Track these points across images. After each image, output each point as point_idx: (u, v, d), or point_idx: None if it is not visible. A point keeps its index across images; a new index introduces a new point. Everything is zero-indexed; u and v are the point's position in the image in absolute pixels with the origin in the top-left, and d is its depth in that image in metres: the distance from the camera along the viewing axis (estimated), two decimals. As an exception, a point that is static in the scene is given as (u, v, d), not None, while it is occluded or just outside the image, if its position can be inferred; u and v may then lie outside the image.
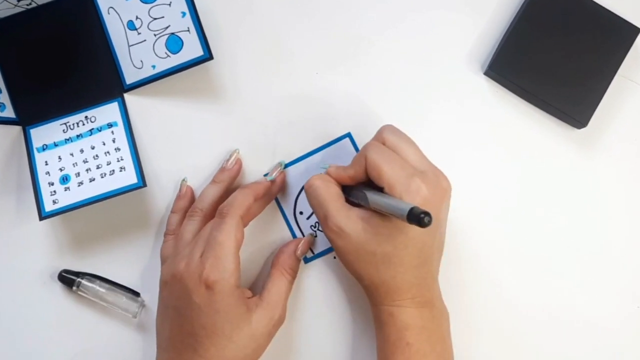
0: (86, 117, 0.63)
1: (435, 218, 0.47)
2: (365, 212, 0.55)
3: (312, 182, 0.57)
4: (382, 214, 0.53)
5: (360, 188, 0.56)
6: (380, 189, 0.54)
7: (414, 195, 0.53)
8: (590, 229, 0.64)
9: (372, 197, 0.53)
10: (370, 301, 0.58)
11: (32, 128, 0.63)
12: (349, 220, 0.55)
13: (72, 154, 0.62)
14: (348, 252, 0.55)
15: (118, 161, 0.61)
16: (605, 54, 0.62)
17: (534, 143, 0.64)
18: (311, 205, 0.58)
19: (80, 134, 0.63)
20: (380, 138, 0.57)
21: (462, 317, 0.61)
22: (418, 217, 0.46)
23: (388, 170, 0.54)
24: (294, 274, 0.61)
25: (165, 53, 0.62)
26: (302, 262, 0.63)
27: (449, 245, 0.59)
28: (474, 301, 0.63)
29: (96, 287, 0.62)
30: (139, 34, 0.62)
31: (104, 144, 0.62)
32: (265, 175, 0.63)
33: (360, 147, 0.63)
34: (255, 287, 0.63)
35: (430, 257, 0.56)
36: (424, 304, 0.56)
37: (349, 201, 0.57)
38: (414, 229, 0.52)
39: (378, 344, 0.58)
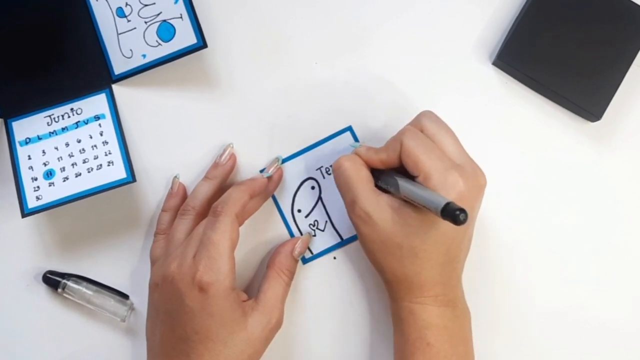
0: (72, 109, 0.63)
1: (468, 215, 0.47)
2: (395, 200, 0.55)
3: (342, 163, 0.57)
4: (412, 204, 0.53)
5: (392, 174, 0.56)
6: (411, 177, 0.54)
7: (450, 189, 0.52)
8: (605, 226, 0.64)
9: (405, 185, 0.53)
10: (390, 296, 0.58)
11: (14, 121, 0.63)
12: (378, 207, 0.55)
13: (56, 148, 0.62)
14: (373, 240, 0.55)
15: (106, 155, 0.61)
16: (620, 43, 0.62)
17: (546, 137, 0.64)
18: (338, 187, 0.58)
19: (66, 127, 0.62)
20: (418, 124, 0.57)
21: (474, 317, 0.60)
22: (453, 214, 0.46)
23: (425, 160, 0.53)
24: (291, 275, 0.61)
25: (157, 41, 0.61)
26: (300, 262, 0.63)
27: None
28: (483, 300, 0.63)
29: (83, 289, 0.62)
30: (128, 21, 0.62)
31: (91, 137, 0.62)
32: (262, 171, 0.63)
33: (361, 141, 0.64)
34: (251, 289, 0.63)
35: (457, 255, 0.56)
36: (446, 303, 0.56)
37: (377, 186, 0.57)
38: (446, 224, 0.51)
39: (396, 342, 0.58)
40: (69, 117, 0.62)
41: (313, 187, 0.64)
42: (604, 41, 0.62)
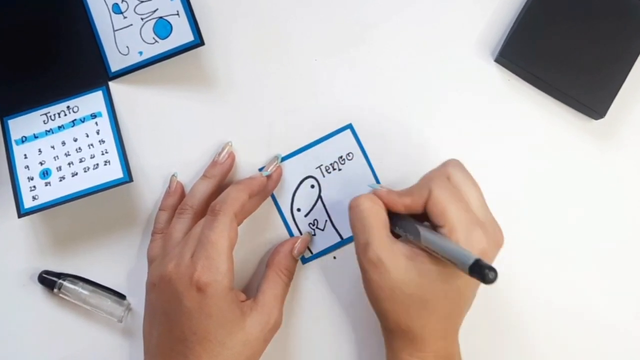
0: (68, 107, 0.62)
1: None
2: (410, 249, 0.54)
3: (361, 202, 0.55)
4: (428, 253, 0.52)
5: (412, 221, 0.54)
6: (434, 227, 0.53)
7: (474, 246, 0.52)
8: (608, 226, 0.64)
9: (428, 235, 0.52)
10: (388, 346, 0.57)
11: (10, 119, 0.62)
12: (392, 254, 0.53)
13: (53, 147, 0.61)
14: (382, 288, 0.54)
15: (102, 154, 0.61)
16: (624, 40, 0.61)
17: (548, 135, 0.64)
18: (352, 226, 0.56)
19: (62, 125, 0.62)
20: (445, 172, 0.55)
21: (477, 316, 0.60)
22: (483, 272, 0.46)
23: (454, 211, 0.52)
24: (290, 275, 0.61)
25: (153, 38, 0.61)
26: (299, 262, 0.63)
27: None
28: (486, 300, 0.61)
29: (79, 289, 0.62)
30: (124, 17, 0.62)
31: (88, 136, 0.62)
32: (261, 169, 0.63)
33: (362, 140, 0.63)
34: (250, 290, 0.63)
35: (463, 309, 0.56)
36: (445, 358, 0.55)
37: (391, 231, 0.56)
38: (462, 280, 0.51)
39: None
40: (65, 115, 0.62)
41: (313, 186, 0.64)
42: (607, 38, 0.62)
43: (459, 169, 0.55)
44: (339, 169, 0.63)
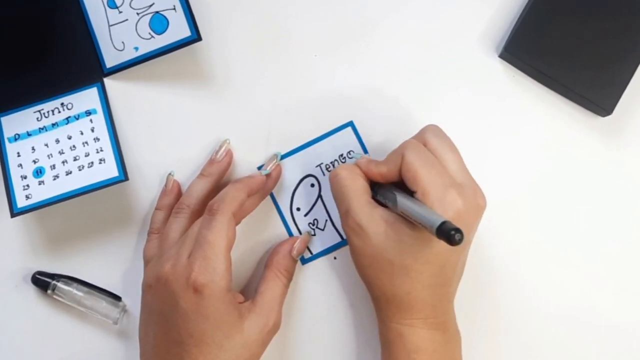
0: (62, 103, 0.62)
1: (465, 237, 0.47)
2: (391, 214, 0.55)
3: (339, 172, 0.57)
4: (408, 220, 0.53)
5: (391, 188, 0.55)
6: (411, 193, 0.54)
7: (448, 208, 0.52)
8: (615, 225, 0.64)
9: (403, 201, 0.53)
10: (378, 316, 0.58)
11: (3, 116, 0.62)
12: (371, 220, 0.55)
13: (46, 145, 0.61)
14: (364, 254, 0.55)
15: (97, 152, 0.61)
16: (632, 35, 0.61)
17: (554, 132, 0.64)
18: (334, 196, 0.58)
19: (56, 123, 0.62)
20: (421, 138, 0.57)
21: (480, 319, 0.61)
22: (448, 233, 0.46)
23: (425, 175, 0.53)
24: (289, 275, 0.61)
25: (149, 34, 0.61)
26: (298, 262, 0.63)
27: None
28: (490, 301, 0.63)
29: (73, 290, 0.62)
30: (120, 12, 0.62)
31: (82, 134, 0.62)
32: (259, 168, 0.63)
33: (363, 137, 0.63)
34: (248, 291, 0.63)
35: (450, 277, 0.56)
36: (437, 326, 0.56)
37: (374, 199, 0.57)
38: (441, 244, 0.51)
39: None
40: (59, 112, 0.62)
41: (313, 185, 0.64)
42: (615, 33, 0.61)
43: (435, 133, 0.57)
44: (340, 168, 0.63)
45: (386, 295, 0.55)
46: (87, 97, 0.62)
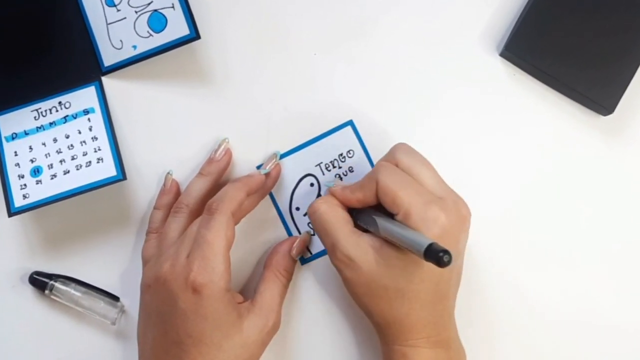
0: (60, 102, 0.62)
1: (453, 250, 0.46)
2: (376, 240, 0.54)
3: (317, 207, 0.57)
4: (391, 243, 0.53)
5: (370, 212, 0.55)
6: (391, 215, 0.54)
7: (432, 225, 0.52)
8: (617, 225, 0.63)
9: (385, 225, 0.53)
10: (380, 340, 0.58)
11: (0, 115, 0.62)
12: (359, 250, 0.54)
13: (44, 144, 0.61)
14: (358, 284, 0.55)
15: (95, 151, 0.61)
16: (633, 33, 0.61)
17: (555, 131, 0.64)
18: (317, 232, 0.58)
19: (54, 122, 0.62)
20: (392, 159, 0.56)
21: (480, 322, 0.61)
22: (437, 256, 0.45)
23: (403, 196, 0.53)
24: (289, 276, 0.61)
25: (148, 32, 0.61)
26: (298, 262, 0.63)
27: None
28: (490, 304, 0.63)
29: (71, 290, 0.62)
30: (118, 10, 0.62)
31: (80, 133, 0.62)
32: (259, 167, 0.63)
33: (363, 136, 0.63)
34: (247, 291, 0.63)
35: (447, 292, 0.56)
36: (440, 344, 0.55)
37: (357, 225, 0.57)
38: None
39: None
40: (57, 111, 0.62)
41: (312, 184, 0.63)
42: (616, 31, 0.61)
43: (406, 152, 0.56)
44: (339, 167, 0.63)
45: (386, 319, 0.55)
46: (85, 96, 0.62)
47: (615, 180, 0.64)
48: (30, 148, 0.61)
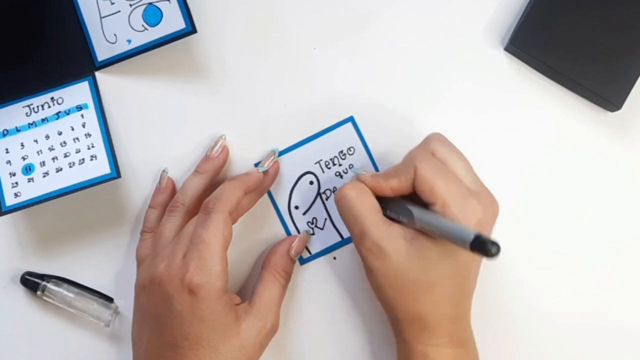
0: (52, 98, 0.62)
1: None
2: (408, 230, 0.54)
3: (346, 193, 0.56)
4: (427, 234, 0.52)
5: (403, 202, 0.55)
6: (424, 205, 0.53)
7: (470, 218, 0.52)
8: (624, 223, 0.63)
9: (422, 215, 0.52)
10: (398, 337, 0.57)
11: (-10, 111, 0.63)
12: (390, 239, 0.54)
13: (36, 141, 0.61)
14: (385, 276, 0.54)
15: (89, 148, 0.61)
16: (642, 27, 0.61)
17: (561, 127, 0.64)
18: (343, 219, 0.57)
19: (46, 118, 0.62)
20: (428, 148, 0.56)
21: (485, 323, 0.61)
22: (485, 247, 0.45)
23: (443, 187, 0.53)
24: (287, 276, 0.61)
25: (142, 26, 0.61)
26: (297, 263, 0.63)
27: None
28: (495, 304, 0.63)
29: (64, 291, 0.62)
30: (112, 4, 0.62)
31: (73, 129, 0.62)
32: (257, 165, 0.63)
33: (364, 132, 0.63)
34: (245, 292, 0.63)
35: (471, 290, 0.56)
36: (460, 344, 0.55)
37: (385, 216, 0.56)
38: (464, 256, 0.51)
39: None
40: (49, 107, 0.62)
41: (312, 182, 0.63)
42: (624, 25, 0.61)
43: (442, 142, 0.56)
44: (340, 164, 0.63)
45: (411, 316, 0.55)
46: (78, 92, 0.62)
47: (622, 179, 0.64)
48: (22, 145, 0.61)
